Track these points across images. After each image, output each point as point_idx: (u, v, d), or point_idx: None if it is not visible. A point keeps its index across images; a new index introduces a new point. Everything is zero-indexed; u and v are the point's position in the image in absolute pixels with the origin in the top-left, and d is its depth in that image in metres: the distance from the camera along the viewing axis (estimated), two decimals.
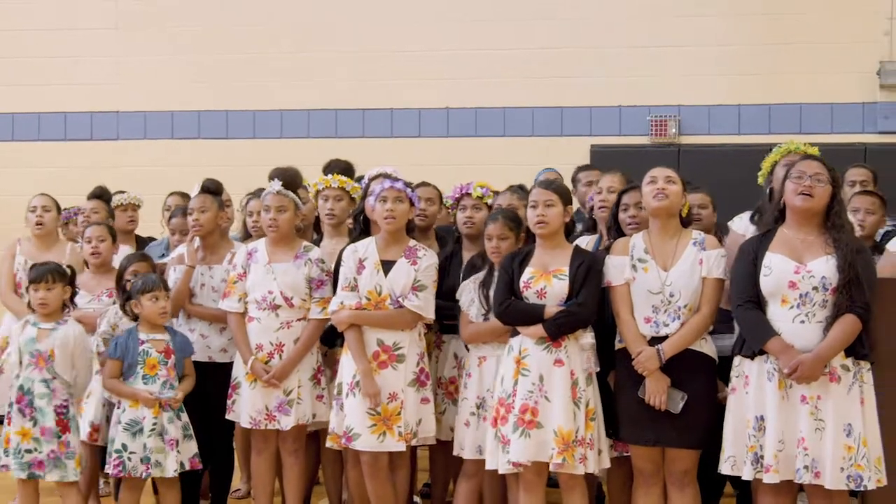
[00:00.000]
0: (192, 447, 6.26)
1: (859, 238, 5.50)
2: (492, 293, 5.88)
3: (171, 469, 6.14)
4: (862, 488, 5.17)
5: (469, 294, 6.00)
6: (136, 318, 6.27)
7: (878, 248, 6.34)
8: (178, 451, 6.16)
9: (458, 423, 6.04)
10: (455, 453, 6.09)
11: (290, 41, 11.65)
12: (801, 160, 5.48)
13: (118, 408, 6.21)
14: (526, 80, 11.19)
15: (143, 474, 6.10)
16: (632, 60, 11.03)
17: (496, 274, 5.93)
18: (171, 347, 6.26)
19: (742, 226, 6.00)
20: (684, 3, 11.03)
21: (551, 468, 5.54)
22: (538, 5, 11.27)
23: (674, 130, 10.89)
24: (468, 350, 6.08)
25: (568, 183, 7.37)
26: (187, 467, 6.25)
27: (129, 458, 6.09)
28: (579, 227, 6.85)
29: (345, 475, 6.40)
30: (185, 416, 6.26)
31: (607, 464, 5.71)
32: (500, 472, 5.65)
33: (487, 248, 5.97)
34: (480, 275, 6.01)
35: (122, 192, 8.22)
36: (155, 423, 6.13)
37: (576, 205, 7.36)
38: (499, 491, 6.06)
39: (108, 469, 6.17)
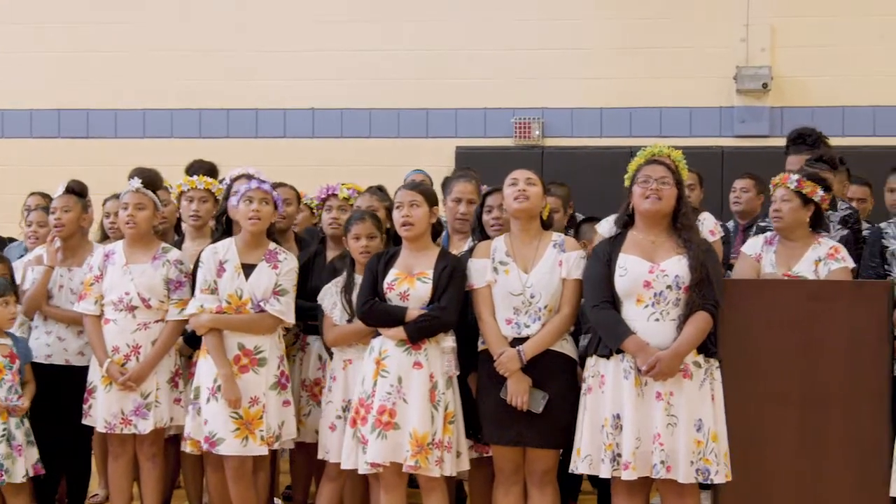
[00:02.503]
0: (34, 453, 6.17)
1: (705, 239, 5.64)
2: (354, 297, 5.88)
3: (19, 475, 6.04)
4: (709, 481, 5.29)
5: (331, 297, 5.98)
6: None
7: None
8: (23, 457, 6.06)
9: (323, 426, 6.02)
10: (320, 457, 6.06)
11: (152, 39, 11.47)
12: (647, 164, 5.59)
13: None
14: (391, 81, 11.18)
15: None
16: (496, 63, 11.09)
17: (356, 276, 5.94)
18: (15, 353, 6.14)
19: (608, 229, 6.08)
20: (548, 7, 11.13)
21: (404, 469, 5.55)
22: (404, 7, 11.28)
23: (537, 132, 10.98)
24: (331, 353, 6.06)
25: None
26: (31, 473, 6.14)
27: None
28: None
29: (205, 479, 6.34)
30: (27, 422, 6.16)
31: (466, 466, 5.73)
32: (360, 471, 5.66)
33: (355, 247, 5.95)
34: (342, 278, 6.00)
35: None
36: (4, 429, 6.01)
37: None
38: (361, 493, 6.07)
39: None
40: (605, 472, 5.30)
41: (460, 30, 11.19)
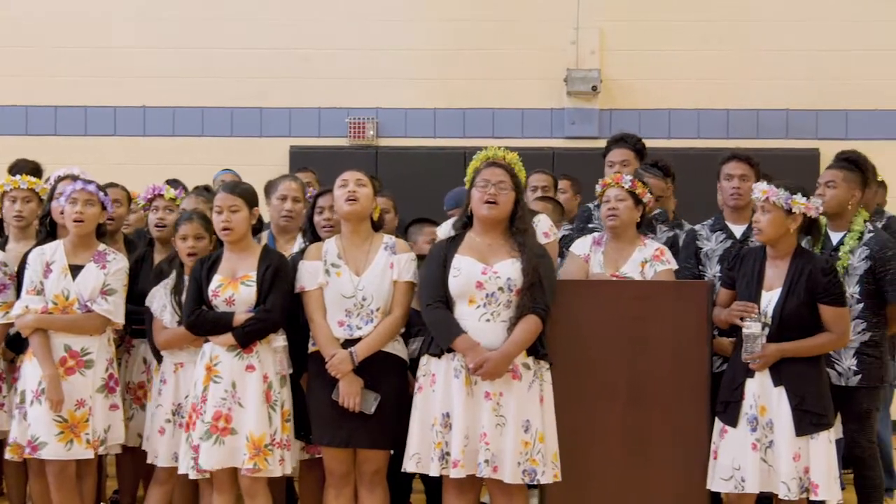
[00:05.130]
0: None
1: (540, 243, 5.72)
2: (184, 298, 5.83)
3: None
4: (535, 482, 5.39)
5: (161, 300, 5.92)
6: None
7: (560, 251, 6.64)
8: None
9: (153, 430, 5.96)
10: (149, 461, 6.01)
11: None
12: (485, 168, 5.65)
13: None
14: (225, 80, 11.05)
15: None
16: (330, 62, 11.06)
17: (186, 278, 5.89)
18: None
19: (446, 231, 6.14)
20: (383, 7, 11.15)
21: (243, 473, 5.53)
22: (237, 5, 11.17)
23: (372, 133, 10.99)
24: (159, 356, 5.99)
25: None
26: None
27: None
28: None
29: (28, 486, 6.20)
30: None
31: (295, 461, 5.76)
32: (191, 477, 5.62)
33: (182, 248, 5.91)
34: (171, 280, 5.94)
35: None
36: None
37: None
38: (190, 497, 6.00)
39: None
40: (433, 471, 5.35)
41: (295, 29, 11.12)
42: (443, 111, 11.08)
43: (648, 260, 6.09)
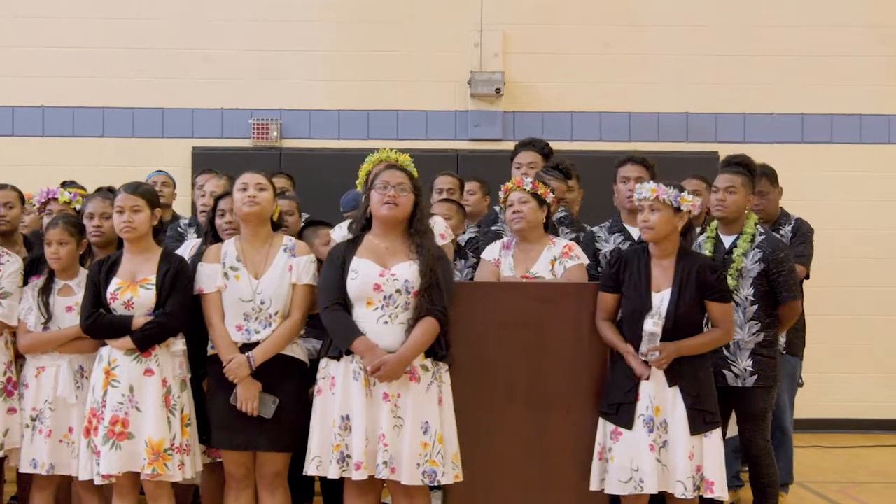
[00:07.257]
0: None
1: (439, 245, 5.74)
2: (51, 300, 5.80)
3: None
4: (435, 483, 5.41)
5: (28, 301, 5.86)
6: None
7: (461, 253, 6.67)
8: None
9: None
10: (12, 464, 5.95)
11: None
12: (385, 170, 5.67)
13: None
14: (127, 80, 10.93)
15: None
16: (234, 63, 11.00)
17: (56, 280, 5.84)
18: None
19: (340, 234, 6.14)
20: (287, 8, 11.11)
21: (143, 478, 5.49)
22: (138, 5, 11.05)
23: (275, 134, 10.95)
24: (26, 359, 5.92)
25: None
26: None
27: None
28: (192, 230, 6.85)
29: None
30: None
31: (199, 466, 5.72)
32: (96, 482, 5.55)
33: (46, 252, 5.86)
34: (40, 281, 5.88)
35: None
36: None
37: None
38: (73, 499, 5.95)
39: None
40: (333, 473, 5.35)
41: (197, 29, 11.04)
42: (347, 112, 11.07)
43: (558, 258, 6.14)
